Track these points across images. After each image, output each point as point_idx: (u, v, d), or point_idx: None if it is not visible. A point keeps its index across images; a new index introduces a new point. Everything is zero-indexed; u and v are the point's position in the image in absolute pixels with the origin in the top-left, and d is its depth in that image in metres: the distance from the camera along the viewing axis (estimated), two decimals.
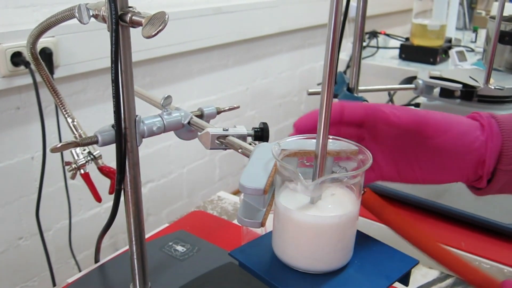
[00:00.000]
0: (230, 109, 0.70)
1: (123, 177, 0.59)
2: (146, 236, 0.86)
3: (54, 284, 1.44)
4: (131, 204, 0.61)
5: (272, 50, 2.30)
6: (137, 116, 0.57)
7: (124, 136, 0.56)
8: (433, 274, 0.80)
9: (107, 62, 0.50)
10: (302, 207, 0.46)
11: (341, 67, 1.97)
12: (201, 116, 0.67)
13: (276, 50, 2.33)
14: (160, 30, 0.47)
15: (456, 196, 0.98)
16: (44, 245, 1.39)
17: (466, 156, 0.53)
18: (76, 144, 0.54)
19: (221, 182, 2.24)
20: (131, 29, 0.52)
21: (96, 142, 0.55)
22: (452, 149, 0.53)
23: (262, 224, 0.46)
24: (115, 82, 0.52)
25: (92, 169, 0.78)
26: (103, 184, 0.80)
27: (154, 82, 1.78)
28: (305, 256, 0.47)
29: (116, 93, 0.53)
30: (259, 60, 2.25)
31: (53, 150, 0.52)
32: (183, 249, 0.79)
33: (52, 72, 1.37)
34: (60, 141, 1.22)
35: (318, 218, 0.45)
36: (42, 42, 1.33)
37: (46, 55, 1.34)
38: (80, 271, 1.04)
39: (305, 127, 0.52)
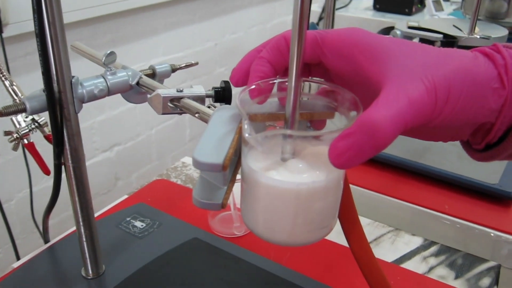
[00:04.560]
0: (187, 66, 0.60)
1: (62, 150, 0.50)
2: (101, 211, 0.78)
3: (18, 258, 1.37)
4: (74, 180, 0.53)
5: (241, 3, 2.20)
6: (73, 77, 0.48)
7: (59, 101, 0.47)
8: (416, 241, 0.74)
9: (65, 18, 0.41)
10: (264, 167, 0.37)
11: (313, 19, 1.89)
12: (152, 75, 0.57)
13: (245, 3, 2.22)
14: None
15: (439, 155, 0.92)
16: (4, 217, 1.31)
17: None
18: None
19: (191, 143, 2.16)
20: None
21: (24, 111, 0.46)
22: None
23: (223, 206, 0.38)
24: (40, 36, 0.43)
25: (38, 138, 0.69)
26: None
27: (115, 39, 1.66)
28: (259, 222, 0.38)
29: (42, 50, 0.43)
30: (227, 14, 2.14)
31: None
32: (142, 225, 0.71)
33: (0, 31, 1.25)
34: None
35: (273, 182, 0.36)
36: None
37: None
38: (45, 242, 0.96)
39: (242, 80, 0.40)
